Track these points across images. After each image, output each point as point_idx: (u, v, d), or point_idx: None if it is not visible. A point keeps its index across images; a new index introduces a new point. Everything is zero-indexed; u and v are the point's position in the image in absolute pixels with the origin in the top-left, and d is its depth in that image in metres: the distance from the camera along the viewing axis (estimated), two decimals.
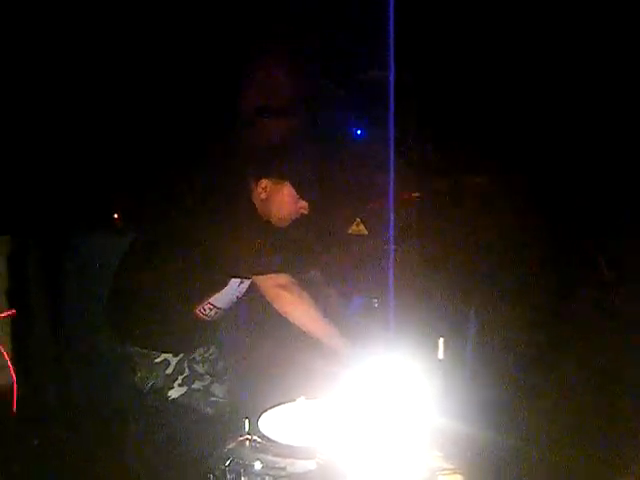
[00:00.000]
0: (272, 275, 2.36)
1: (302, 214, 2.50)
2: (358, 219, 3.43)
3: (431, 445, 1.85)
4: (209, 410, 2.48)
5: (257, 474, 1.72)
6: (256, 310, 2.58)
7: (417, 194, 3.40)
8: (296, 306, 2.38)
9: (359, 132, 3.56)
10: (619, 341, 2.50)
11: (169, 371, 2.45)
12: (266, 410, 2.05)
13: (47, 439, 3.16)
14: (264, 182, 2.43)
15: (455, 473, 1.74)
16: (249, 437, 1.89)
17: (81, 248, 3.70)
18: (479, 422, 1.99)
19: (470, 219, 3.17)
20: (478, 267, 3.22)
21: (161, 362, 2.44)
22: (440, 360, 2.25)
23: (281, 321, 2.40)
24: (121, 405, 2.59)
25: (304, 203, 2.48)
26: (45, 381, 3.58)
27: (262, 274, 2.37)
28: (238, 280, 2.46)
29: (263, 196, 2.44)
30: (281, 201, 2.45)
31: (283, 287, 2.36)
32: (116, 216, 3.88)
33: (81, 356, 3.62)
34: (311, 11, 3.41)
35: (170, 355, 2.46)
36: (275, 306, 2.38)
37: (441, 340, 2.26)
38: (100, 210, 3.85)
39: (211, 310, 2.47)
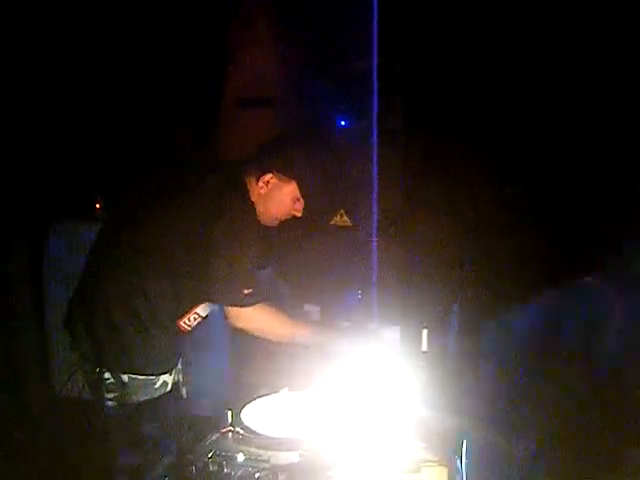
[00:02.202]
0: (243, 309, 2.26)
1: (294, 216, 2.39)
2: (342, 210, 3.42)
3: (415, 437, 1.85)
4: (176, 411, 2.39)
5: (240, 466, 1.71)
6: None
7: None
8: (265, 330, 2.33)
9: (343, 123, 3.54)
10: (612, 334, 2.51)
11: (168, 389, 2.32)
12: (249, 402, 2.05)
13: (31, 435, 3.14)
14: (268, 177, 2.30)
15: (439, 465, 1.74)
16: (232, 429, 1.88)
17: (62, 238, 3.65)
18: (462, 413, 1.99)
19: (455, 210, 3.17)
20: (461, 259, 3.22)
21: (161, 385, 2.29)
22: (424, 352, 2.25)
23: None
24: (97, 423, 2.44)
25: (300, 204, 2.37)
26: (28, 378, 3.55)
27: (237, 306, 2.26)
28: None
29: (263, 191, 2.30)
30: (282, 200, 2.32)
31: (250, 320, 2.29)
32: (98, 206, 3.84)
33: (64, 350, 3.58)
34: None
35: (167, 375, 2.32)
36: (247, 331, 2.32)
37: (424, 332, 2.26)
38: (82, 200, 3.80)
39: (195, 320, 2.34)
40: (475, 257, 3.21)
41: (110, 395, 2.25)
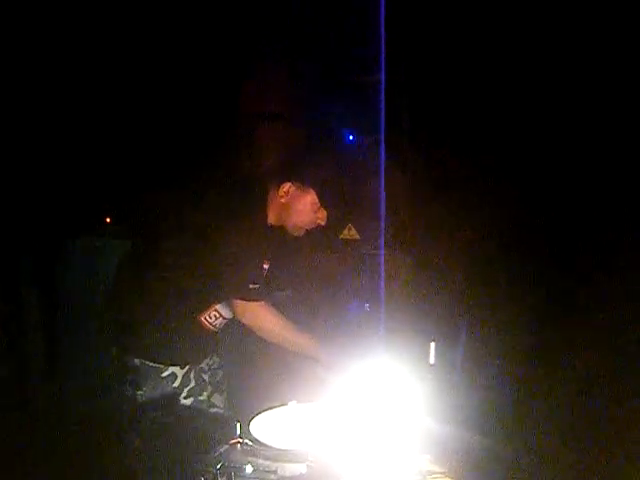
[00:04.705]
0: (248, 304, 2.35)
1: (318, 225, 2.47)
2: (350, 224, 3.43)
3: (421, 449, 1.86)
4: (209, 420, 2.45)
5: (248, 477, 1.72)
6: None
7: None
8: (268, 330, 2.41)
9: (351, 138, 3.56)
10: (618, 345, 2.50)
11: (176, 384, 2.40)
12: (257, 414, 2.06)
13: (38, 443, 3.15)
14: (287, 186, 2.38)
15: (445, 477, 1.75)
16: (240, 440, 1.89)
17: (72, 251, 3.69)
18: (470, 426, 2.00)
19: (462, 221, 3.18)
20: (470, 270, 3.23)
21: (168, 376, 2.39)
22: (431, 364, 2.26)
23: None
24: (114, 411, 2.52)
25: (323, 213, 2.43)
26: (37, 386, 3.57)
27: (242, 299, 2.35)
28: None
29: (283, 200, 2.39)
30: (302, 209, 2.40)
31: (254, 316, 2.37)
32: (108, 220, 3.87)
33: (74, 361, 3.61)
34: (305, 14, 3.41)
35: (177, 368, 2.40)
36: (252, 328, 2.40)
37: (432, 344, 2.27)
38: (91, 213, 3.84)
39: (217, 319, 2.43)
40: (483, 271, 3.21)
41: (126, 377, 2.38)
